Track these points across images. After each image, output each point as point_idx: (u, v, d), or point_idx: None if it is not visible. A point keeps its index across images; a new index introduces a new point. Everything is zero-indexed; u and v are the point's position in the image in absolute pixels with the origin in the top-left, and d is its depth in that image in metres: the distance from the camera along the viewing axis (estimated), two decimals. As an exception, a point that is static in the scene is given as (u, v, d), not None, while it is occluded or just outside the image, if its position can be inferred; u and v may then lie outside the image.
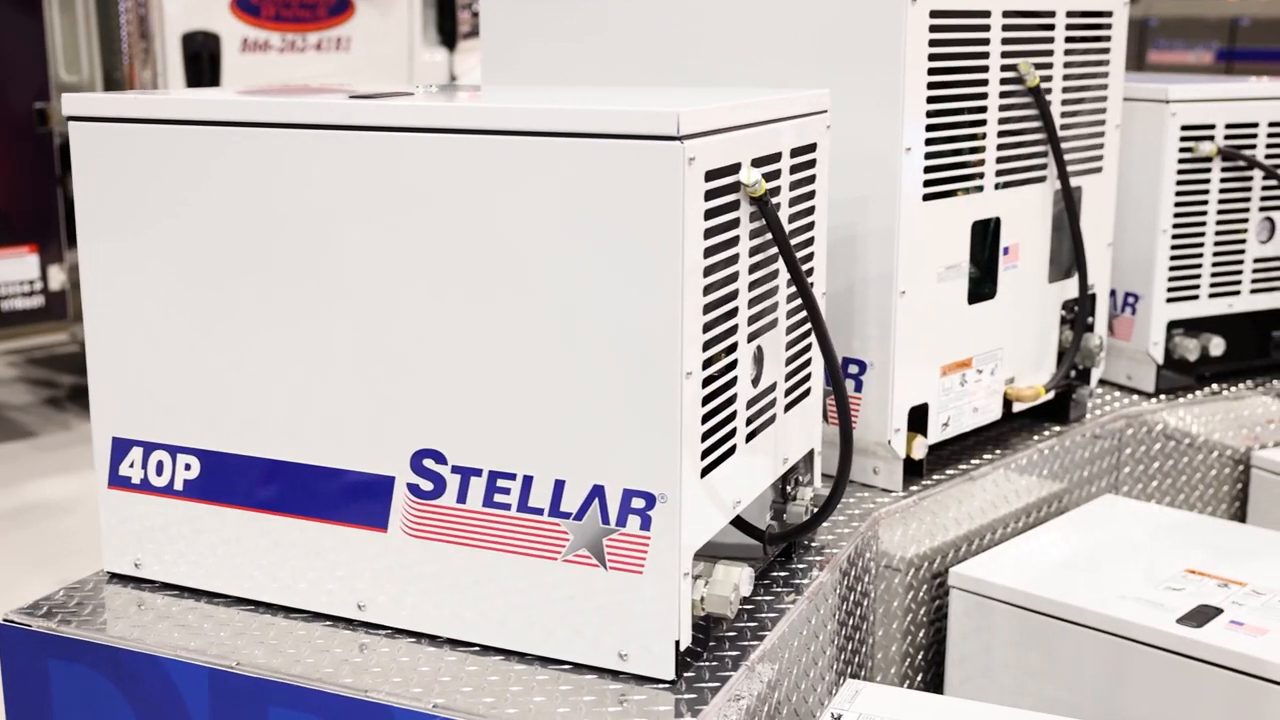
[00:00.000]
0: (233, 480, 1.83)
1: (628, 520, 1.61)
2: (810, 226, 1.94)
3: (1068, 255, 2.54)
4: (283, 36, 6.54)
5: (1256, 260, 2.95)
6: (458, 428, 1.68)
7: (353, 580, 1.78)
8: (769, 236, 1.74)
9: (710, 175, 1.57)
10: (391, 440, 1.72)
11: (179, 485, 1.87)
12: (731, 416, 1.71)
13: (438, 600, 1.74)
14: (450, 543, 1.71)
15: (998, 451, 2.53)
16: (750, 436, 1.78)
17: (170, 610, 1.85)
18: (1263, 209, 2.92)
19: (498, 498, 1.67)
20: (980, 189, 2.33)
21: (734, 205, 1.65)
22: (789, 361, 1.90)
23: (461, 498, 1.69)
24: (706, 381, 1.62)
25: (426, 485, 1.71)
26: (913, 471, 2.36)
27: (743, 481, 1.77)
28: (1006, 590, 2.25)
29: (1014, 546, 2.41)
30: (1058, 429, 2.67)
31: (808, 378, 1.99)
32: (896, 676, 2.33)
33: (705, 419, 1.63)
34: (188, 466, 1.86)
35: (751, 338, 1.75)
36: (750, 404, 1.77)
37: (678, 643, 1.62)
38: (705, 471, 1.64)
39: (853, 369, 2.27)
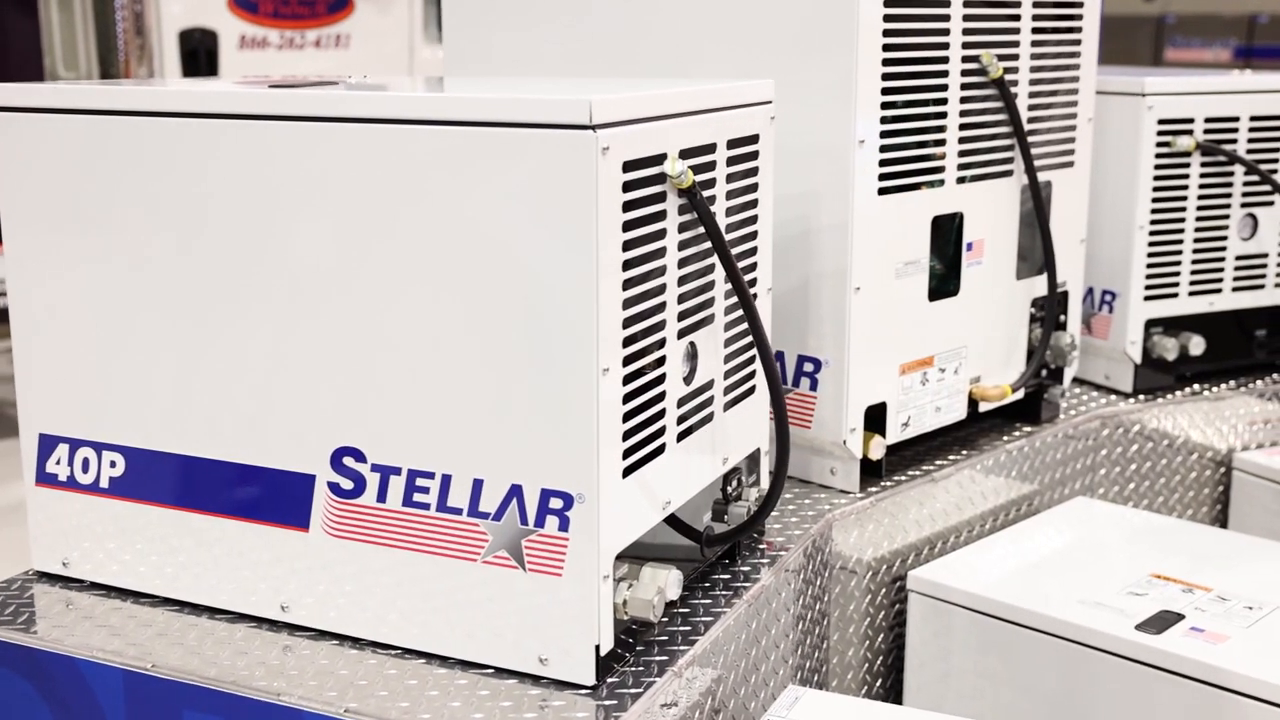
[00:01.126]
0: (157, 478, 1.79)
1: (546, 521, 1.56)
2: (753, 220, 1.89)
3: (1038, 252, 2.48)
4: (281, 33, 6.52)
5: (1238, 258, 2.89)
6: (376, 425, 1.64)
7: (276, 581, 1.74)
8: (702, 230, 1.69)
9: (629, 165, 1.52)
10: (311, 438, 1.68)
11: (104, 483, 1.83)
12: (660, 415, 1.67)
13: (359, 602, 1.69)
14: (371, 543, 1.67)
15: (964, 452, 2.47)
16: (683, 435, 1.73)
17: (95, 610, 1.82)
18: (1244, 205, 2.86)
19: (417, 497, 1.63)
20: (941, 183, 2.27)
21: (659, 197, 1.60)
22: (729, 359, 1.85)
23: (381, 497, 1.65)
24: (629, 378, 1.57)
25: (346, 484, 1.67)
26: (871, 472, 2.30)
27: (674, 481, 1.72)
28: (965, 595, 2.20)
29: (977, 550, 2.36)
30: (1029, 429, 2.61)
31: (752, 375, 1.94)
32: (854, 682, 2.28)
33: (627, 417, 1.58)
34: (113, 464, 1.82)
35: (683, 334, 1.70)
36: (682, 402, 1.72)
37: (598, 647, 1.58)
38: (629, 471, 1.60)
39: (808, 367, 2.22)
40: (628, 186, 1.53)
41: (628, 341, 1.56)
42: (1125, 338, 2.82)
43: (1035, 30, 2.39)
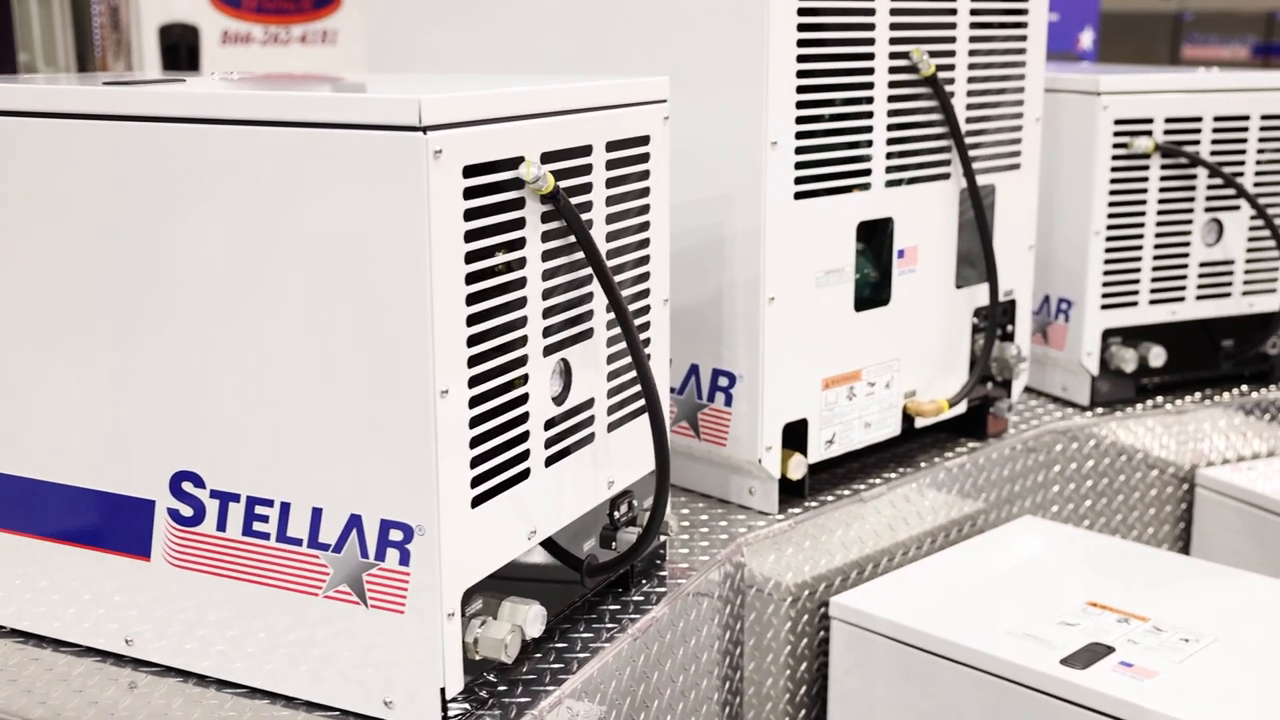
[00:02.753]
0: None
1: (386, 554, 1.45)
2: (643, 227, 1.77)
3: (982, 259, 2.35)
4: (265, 29, 6.41)
5: (1202, 264, 2.75)
6: (214, 448, 1.52)
7: (119, 614, 1.63)
8: (573, 238, 1.58)
9: (472, 170, 1.40)
10: (149, 461, 1.56)
11: (-51, 505, 1.72)
12: (523, 437, 1.55)
13: (202, 637, 1.58)
14: (212, 574, 1.56)
15: (901, 470, 2.34)
16: (554, 459, 1.61)
17: (-61, 641, 1.71)
18: (1209, 210, 2.72)
19: (256, 526, 1.52)
20: (868, 187, 2.14)
21: (515, 204, 1.48)
22: (615, 375, 1.73)
23: (221, 525, 1.54)
24: (477, 400, 1.45)
25: (186, 510, 1.56)
26: (794, 492, 2.18)
27: (544, 509, 1.60)
28: (888, 623, 2.07)
29: (906, 574, 2.23)
30: (974, 445, 2.48)
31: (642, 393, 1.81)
32: (774, 714, 2.16)
33: (476, 442, 1.46)
34: (-43, 485, 1.71)
35: (551, 350, 1.58)
36: (552, 423, 1.60)
37: (443, 690, 1.46)
38: (480, 500, 1.48)
39: (723, 381, 2.10)
40: (471, 193, 1.41)
41: (474, 360, 1.44)
42: (1081, 348, 2.68)
43: (974, 25, 2.26)
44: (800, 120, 2.01)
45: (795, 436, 2.13)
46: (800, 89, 2.00)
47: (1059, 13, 5.30)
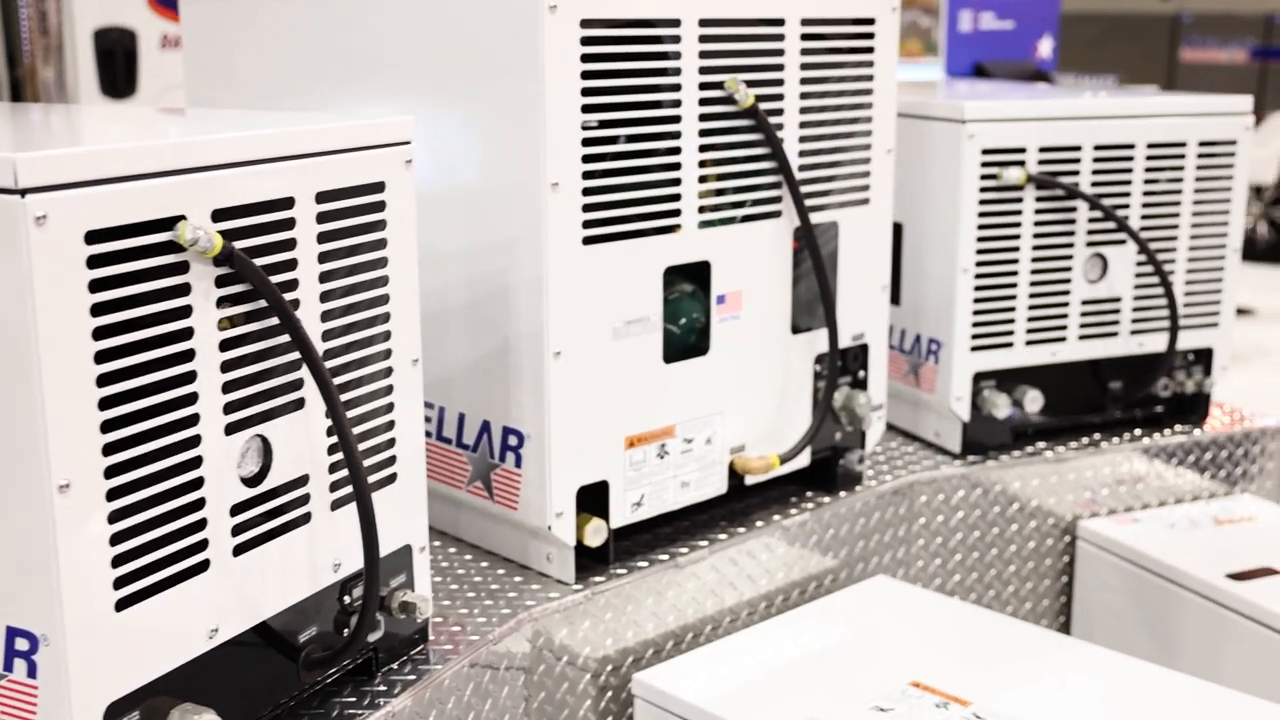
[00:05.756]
0: None
1: (14, 665, 1.29)
2: (380, 283, 1.60)
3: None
4: (207, 33, 6.27)
5: (1085, 303, 2.57)
6: None
7: None
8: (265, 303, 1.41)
9: (98, 236, 1.24)
10: None
11: None
12: (195, 527, 1.38)
13: None
14: None
15: (736, 530, 2.17)
16: (247, 546, 1.45)
17: None
18: (1091, 244, 2.54)
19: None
20: (677, 229, 1.97)
21: (173, 269, 1.32)
22: (337, 449, 1.56)
23: None
24: (121, 491, 1.29)
25: None
26: (600, 559, 2.01)
27: (232, 602, 1.44)
28: (687, 705, 1.90)
29: (725, 646, 2.06)
30: (824, 499, 2.31)
31: (391, 461, 1.65)
32: (575, 797, 1.99)
33: (121, 538, 1.30)
34: None
35: (239, 426, 1.42)
36: (242, 508, 1.44)
37: (79, 817, 1.30)
38: (129, 602, 1.32)
39: (512, 440, 1.93)
40: (100, 261, 1.24)
41: (113, 448, 1.28)
42: (951, 392, 2.50)
43: (806, 51, 2.08)
44: (589, 159, 1.84)
45: (597, 499, 1.97)
46: (588, 126, 1.83)
47: (1014, 20, 5.10)
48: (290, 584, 1.52)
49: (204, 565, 1.40)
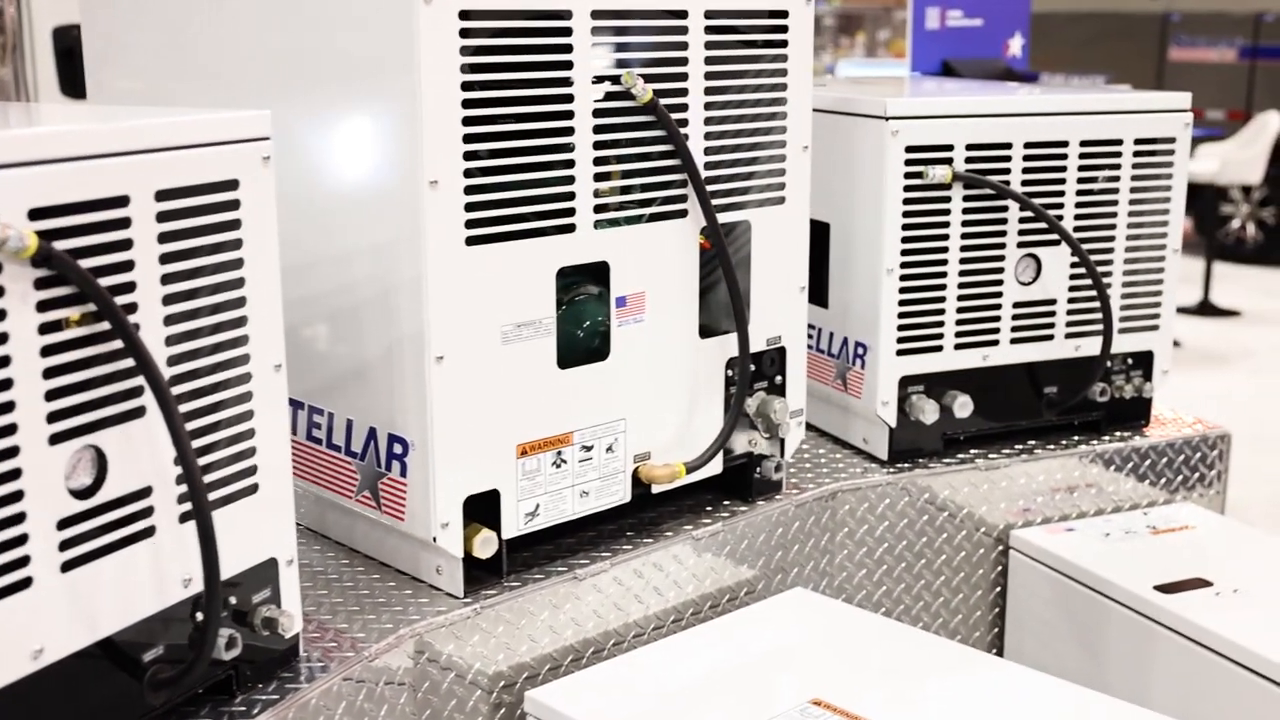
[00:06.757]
0: None
1: None
2: (236, 284, 1.53)
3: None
4: (171, 31, 6.19)
5: (1018, 305, 2.49)
6: None
7: None
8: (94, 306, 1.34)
9: (-110, 235, 1.17)
10: None
11: None
12: (13, 542, 1.31)
13: None
14: None
15: (643, 540, 2.10)
16: (77, 562, 1.38)
17: None
18: (1023, 245, 2.46)
19: None
20: (572, 229, 1.90)
21: (-20, 271, 1.25)
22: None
23: None
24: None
25: None
26: (492, 570, 1.94)
27: (60, 622, 1.37)
28: (577, 724, 1.83)
29: (624, 662, 1.98)
30: (741, 508, 2.24)
31: (252, 471, 1.58)
32: (467, 819, 1.92)
33: (-78, 555, 1.22)
34: None
35: (65, 437, 1.35)
36: (70, 522, 1.37)
37: None
38: (-67, 621, 1.24)
39: (397, 448, 1.86)
40: (-110, 262, 1.17)
41: (-91, 460, 1.21)
42: (877, 397, 2.43)
43: (712, 45, 2.01)
44: (470, 156, 1.77)
45: (487, 508, 1.89)
46: (469, 121, 1.76)
47: (984, 18, 5.02)
48: (132, 601, 1.45)
49: (25, 582, 1.33)
